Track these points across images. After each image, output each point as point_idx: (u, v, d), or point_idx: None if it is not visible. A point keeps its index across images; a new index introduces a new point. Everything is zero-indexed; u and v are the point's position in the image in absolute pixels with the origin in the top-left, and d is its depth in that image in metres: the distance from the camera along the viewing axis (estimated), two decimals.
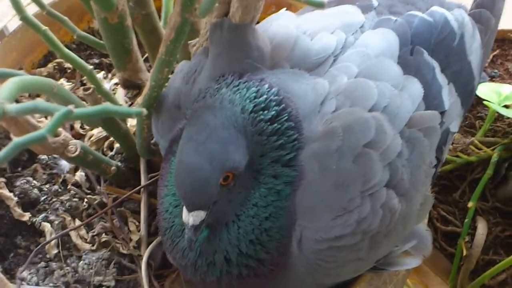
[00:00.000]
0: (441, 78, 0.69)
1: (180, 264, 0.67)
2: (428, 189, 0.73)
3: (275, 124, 0.60)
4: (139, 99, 0.69)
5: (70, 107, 0.42)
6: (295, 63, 0.65)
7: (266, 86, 0.62)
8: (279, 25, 0.69)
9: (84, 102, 0.74)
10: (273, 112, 0.60)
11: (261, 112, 0.60)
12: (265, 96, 0.61)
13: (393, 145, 0.61)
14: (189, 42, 0.77)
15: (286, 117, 0.61)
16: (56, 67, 1.04)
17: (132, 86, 0.72)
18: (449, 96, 0.70)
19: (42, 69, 1.04)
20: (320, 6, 0.48)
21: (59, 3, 1.01)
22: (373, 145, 0.60)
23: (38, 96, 0.96)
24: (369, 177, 0.60)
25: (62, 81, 1.00)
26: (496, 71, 1.22)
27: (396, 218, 0.62)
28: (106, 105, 0.44)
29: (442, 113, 0.68)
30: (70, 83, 0.99)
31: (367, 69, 0.65)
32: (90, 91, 0.71)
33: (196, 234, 0.61)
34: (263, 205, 0.61)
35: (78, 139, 0.91)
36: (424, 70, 0.68)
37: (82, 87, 0.85)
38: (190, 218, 0.59)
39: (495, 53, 1.26)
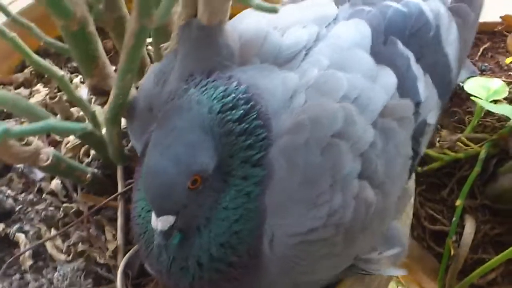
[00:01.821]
0: (416, 69, 0.68)
1: (155, 269, 0.66)
2: (406, 183, 0.72)
3: (244, 124, 0.59)
4: (106, 107, 0.67)
5: (9, 124, 0.40)
6: (265, 59, 0.64)
7: (234, 84, 0.61)
8: (249, 22, 0.68)
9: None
10: (241, 111, 0.59)
11: (228, 112, 0.59)
12: (233, 95, 0.60)
13: (365, 135, 0.60)
14: (161, 45, 0.75)
15: (255, 116, 0.59)
16: (33, 72, 1.02)
17: (101, 92, 0.70)
18: (425, 87, 0.69)
19: (19, 74, 1.02)
20: (273, 11, 0.46)
21: (35, 9, 0.99)
22: (342, 135, 0.59)
23: None
24: (338, 169, 0.59)
25: (39, 86, 0.98)
26: (486, 64, 1.20)
27: (372, 211, 0.61)
28: (49, 121, 0.42)
29: (418, 104, 0.67)
30: (47, 89, 0.97)
31: (338, 61, 0.64)
32: (56, 99, 0.69)
33: (166, 239, 0.59)
34: (233, 207, 0.60)
35: (55, 146, 0.90)
36: (398, 61, 0.67)
37: (48, 96, 0.83)
38: (158, 223, 0.58)
39: (485, 46, 1.23)
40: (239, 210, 0.59)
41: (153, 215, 0.59)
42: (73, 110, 0.80)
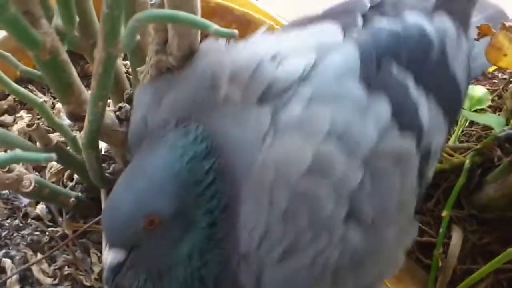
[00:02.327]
0: (416, 93, 0.64)
1: None
2: (412, 216, 0.68)
3: (211, 175, 0.58)
4: (82, 133, 0.68)
5: None
6: (251, 92, 0.60)
7: (206, 133, 0.60)
8: (248, 51, 0.64)
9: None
10: (211, 162, 0.58)
11: (199, 162, 0.58)
12: (205, 144, 0.59)
13: (349, 174, 0.57)
14: (137, 69, 0.76)
15: (221, 167, 0.58)
16: (16, 99, 1.03)
17: (78, 118, 0.71)
18: (428, 112, 0.65)
19: (3, 101, 1.03)
20: (231, 36, 0.47)
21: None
22: (315, 173, 0.56)
23: None
24: (317, 208, 0.56)
25: (22, 113, 1.00)
26: None
27: (360, 253, 0.59)
28: (15, 152, 0.43)
29: (420, 132, 0.64)
30: (30, 115, 0.99)
31: (324, 93, 0.60)
32: (33, 127, 0.70)
33: (114, 275, 0.59)
34: (197, 256, 0.59)
35: (39, 171, 0.91)
36: (394, 87, 0.62)
37: (25, 123, 0.85)
38: (108, 256, 0.58)
39: None
40: (204, 258, 0.58)
41: (107, 247, 0.59)
42: (55, 135, 0.82)
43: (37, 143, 0.75)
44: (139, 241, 0.57)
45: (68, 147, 0.82)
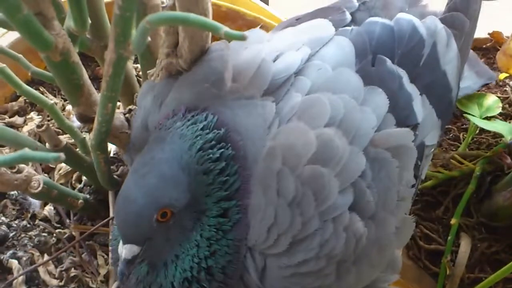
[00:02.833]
0: (411, 88, 0.66)
1: None
2: (408, 211, 0.70)
3: (222, 163, 0.58)
4: (91, 135, 0.68)
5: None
6: (256, 88, 0.63)
7: (215, 120, 0.60)
8: (250, 50, 0.66)
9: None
10: (221, 151, 0.59)
11: (209, 150, 0.59)
12: (214, 132, 0.60)
13: (353, 162, 0.59)
14: (148, 71, 0.77)
15: (231, 154, 0.59)
16: (27, 100, 1.04)
17: (87, 120, 0.71)
18: (422, 107, 0.67)
19: (14, 103, 1.04)
20: (242, 38, 0.47)
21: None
22: (320, 161, 0.57)
23: None
24: (323, 197, 0.57)
25: (32, 114, 1.00)
26: None
27: (364, 243, 0.60)
28: (24, 151, 0.43)
29: (415, 126, 0.66)
30: (40, 117, 0.99)
31: (324, 83, 0.62)
32: (42, 128, 0.70)
33: (129, 268, 0.60)
34: (206, 246, 0.59)
35: (48, 172, 0.92)
36: (389, 81, 0.65)
37: (36, 124, 0.85)
38: (123, 250, 0.59)
39: None
40: (212, 247, 0.59)
41: (120, 241, 0.59)
42: (64, 137, 0.82)
43: (47, 144, 0.75)
44: (152, 234, 0.58)
45: (77, 149, 0.82)
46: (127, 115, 0.79)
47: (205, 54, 0.66)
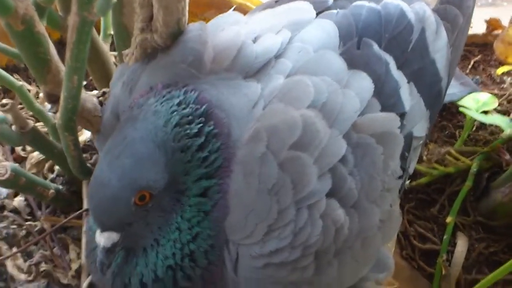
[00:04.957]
0: (398, 75, 0.63)
1: (100, 285, 0.62)
2: (395, 204, 0.65)
3: (201, 139, 0.55)
4: (58, 114, 0.64)
5: None
6: (237, 70, 0.60)
7: (194, 96, 0.57)
8: (229, 32, 0.63)
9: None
10: (199, 126, 0.55)
11: (186, 126, 0.55)
12: (192, 108, 0.56)
13: (332, 146, 0.55)
14: (122, 52, 0.72)
15: (213, 131, 0.55)
16: (0, 87, 0.99)
17: (57, 100, 0.66)
18: (409, 96, 0.63)
19: None
20: None
21: None
22: (302, 146, 0.54)
23: None
24: (301, 185, 0.53)
25: (4, 101, 0.95)
26: (478, 77, 1.15)
27: (346, 233, 0.56)
28: None
29: (402, 115, 0.62)
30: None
31: (305, 65, 0.59)
32: (7, 107, 0.66)
33: (109, 257, 0.56)
34: (187, 227, 0.55)
35: (19, 162, 0.87)
36: (375, 65, 0.61)
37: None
38: (101, 239, 0.55)
39: (476, 58, 1.19)
40: (194, 229, 0.55)
41: (97, 229, 0.55)
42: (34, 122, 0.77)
43: (13, 126, 0.71)
44: (131, 219, 0.54)
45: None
46: (100, 98, 0.75)
47: (181, 35, 0.63)
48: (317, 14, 0.66)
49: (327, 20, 0.64)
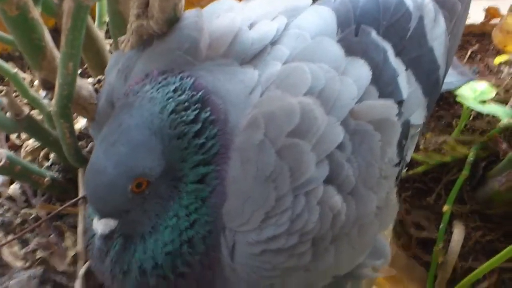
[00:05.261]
0: (396, 62, 0.62)
1: (99, 272, 0.62)
2: (392, 192, 0.65)
3: (197, 126, 0.54)
4: (52, 101, 0.63)
5: None
6: (233, 57, 0.59)
7: (190, 82, 0.56)
8: (224, 18, 0.63)
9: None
10: (195, 112, 0.54)
11: (183, 112, 0.54)
12: (188, 94, 0.55)
13: (330, 133, 0.55)
14: (118, 38, 0.72)
15: (210, 117, 0.55)
16: None
17: (52, 87, 0.66)
18: (407, 84, 0.63)
19: None
20: None
21: None
22: (300, 133, 0.53)
23: None
24: (299, 172, 0.53)
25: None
26: (475, 67, 1.15)
27: (342, 220, 0.56)
28: None
29: (400, 102, 0.61)
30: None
31: (302, 51, 0.59)
32: (3, 93, 0.65)
33: (107, 244, 0.56)
34: (185, 214, 0.55)
35: (15, 150, 0.87)
36: (373, 52, 0.61)
37: None
38: (99, 226, 0.55)
39: (474, 48, 1.19)
40: (192, 216, 0.55)
41: (95, 217, 0.55)
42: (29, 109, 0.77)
43: (8, 114, 0.71)
44: (128, 206, 0.54)
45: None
46: (96, 85, 0.75)
47: (178, 21, 0.62)
48: (314, 0, 0.65)
49: (325, 6, 0.63)
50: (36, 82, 0.95)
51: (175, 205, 0.55)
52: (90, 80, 0.77)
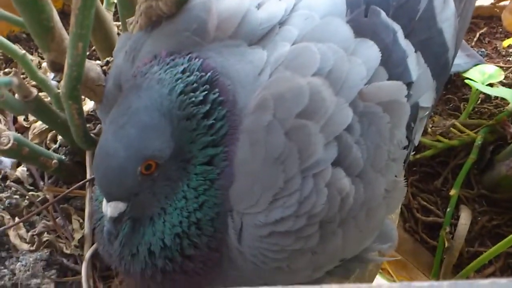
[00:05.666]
0: (405, 44, 0.62)
1: (107, 255, 0.62)
2: (400, 175, 0.64)
3: (206, 107, 0.54)
4: (61, 82, 0.62)
5: None
6: (241, 37, 0.59)
7: (199, 63, 0.56)
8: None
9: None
10: (204, 93, 0.54)
11: (191, 94, 0.54)
12: (196, 75, 0.55)
13: (338, 115, 0.54)
14: (126, 20, 0.71)
15: (219, 98, 0.54)
16: (1, 57, 0.98)
17: (60, 68, 0.65)
18: (417, 65, 0.62)
19: None
20: None
21: None
22: (308, 114, 0.53)
23: None
24: (307, 154, 0.53)
25: (8, 70, 0.95)
26: (483, 50, 1.14)
27: (351, 202, 0.55)
28: None
29: (409, 84, 0.61)
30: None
31: (311, 32, 0.58)
32: (11, 75, 0.65)
33: (116, 227, 0.55)
34: (194, 196, 0.55)
35: (22, 132, 0.86)
36: (382, 33, 0.60)
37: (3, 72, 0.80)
38: (108, 209, 0.54)
39: (482, 31, 1.18)
40: (200, 198, 0.54)
41: (104, 200, 0.55)
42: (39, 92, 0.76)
43: (16, 95, 0.70)
44: (137, 188, 0.53)
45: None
46: (104, 67, 0.74)
47: (187, 2, 0.61)
48: None
49: None
50: (43, 64, 0.94)
51: (184, 187, 0.55)
52: (98, 62, 0.75)
